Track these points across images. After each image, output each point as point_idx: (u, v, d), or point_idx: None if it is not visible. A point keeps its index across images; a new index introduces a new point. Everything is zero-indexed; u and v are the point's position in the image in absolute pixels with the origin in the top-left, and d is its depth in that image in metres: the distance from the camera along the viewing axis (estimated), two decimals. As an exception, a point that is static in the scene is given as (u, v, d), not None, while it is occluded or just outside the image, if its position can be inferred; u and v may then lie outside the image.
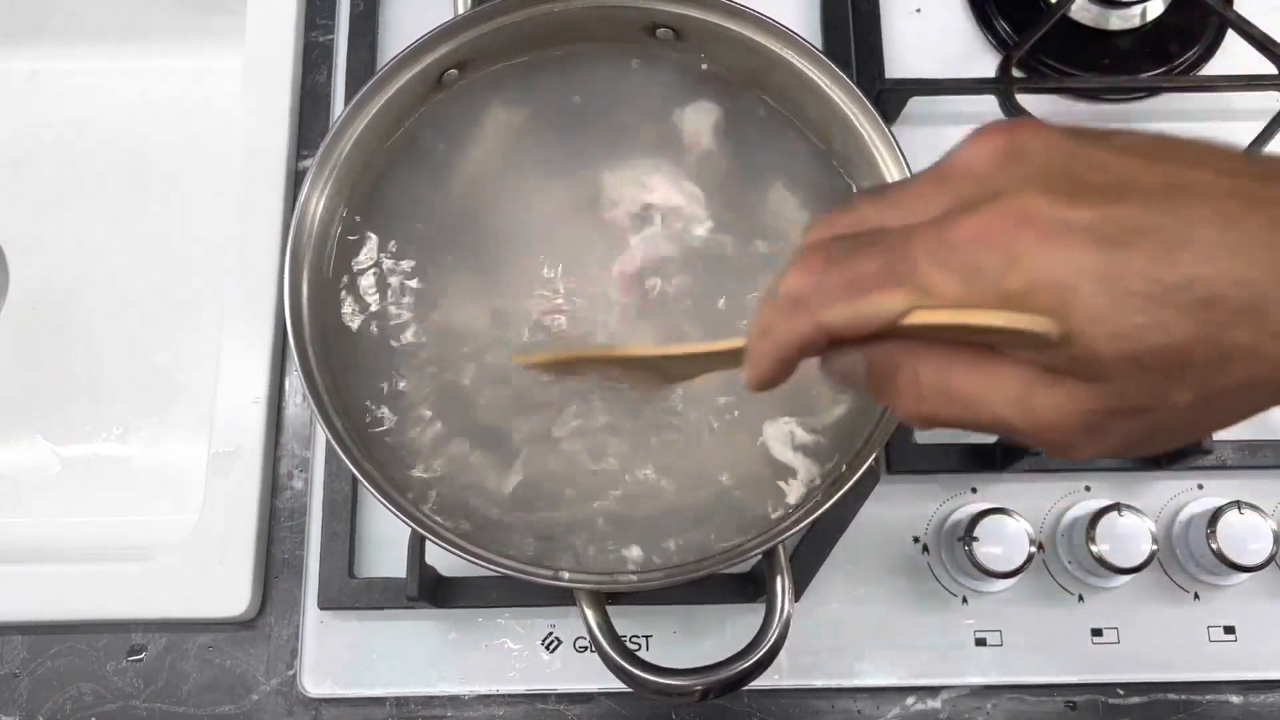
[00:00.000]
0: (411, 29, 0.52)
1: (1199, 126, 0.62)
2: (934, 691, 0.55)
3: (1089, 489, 0.57)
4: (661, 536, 0.47)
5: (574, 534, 0.47)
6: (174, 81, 0.70)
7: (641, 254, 0.50)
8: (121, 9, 0.69)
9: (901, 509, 0.57)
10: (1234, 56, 0.64)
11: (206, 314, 0.64)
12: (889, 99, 0.61)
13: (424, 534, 0.44)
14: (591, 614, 0.43)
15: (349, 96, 0.54)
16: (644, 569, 0.46)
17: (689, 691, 0.42)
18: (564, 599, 0.51)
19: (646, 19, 0.52)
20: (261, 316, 0.59)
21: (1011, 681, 0.55)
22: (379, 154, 0.51)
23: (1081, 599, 0.55)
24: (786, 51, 0.50)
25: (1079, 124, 0.28)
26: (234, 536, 0.56)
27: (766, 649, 0.42)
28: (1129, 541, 0.52)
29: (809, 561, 0.54)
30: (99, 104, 0.70)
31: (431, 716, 0.55)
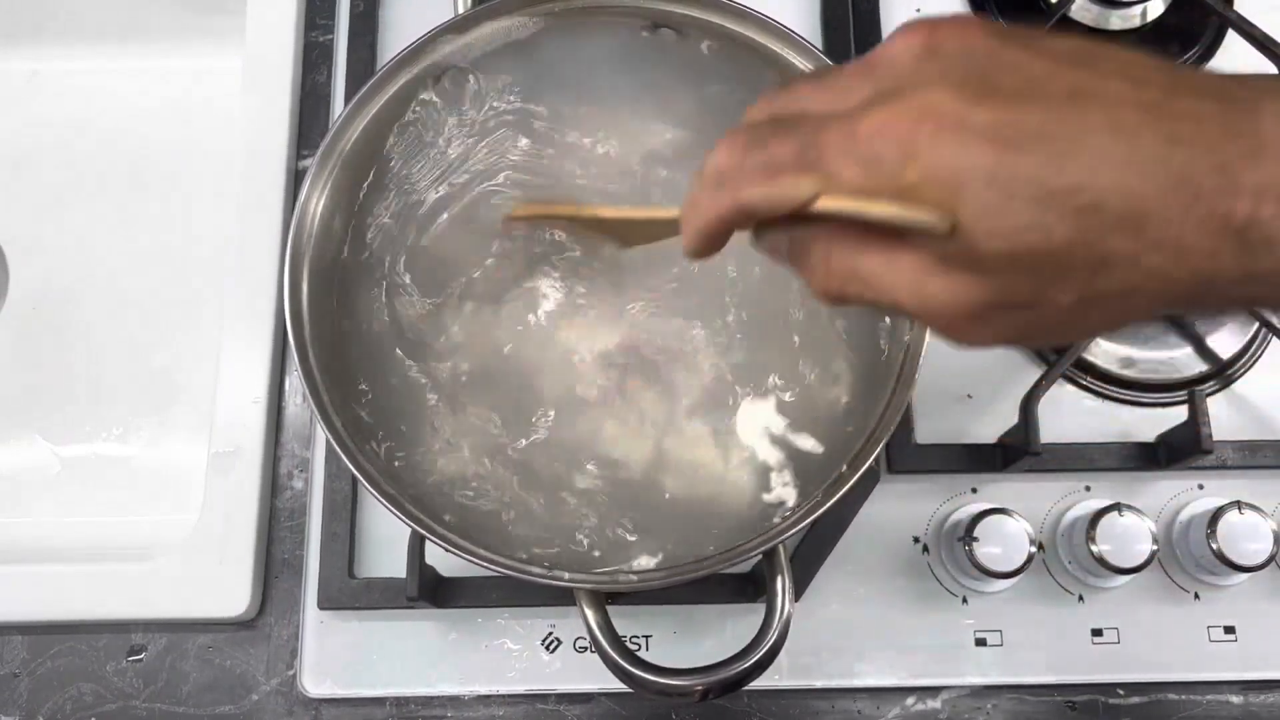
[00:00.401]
0: (411, 29, 0.52)
1: (1199, 126, 0.62)
2: (934, 691, 0.55)
3: (1089, 489, 0.57)
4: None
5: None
6: (174, 81, 0.70)
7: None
8: (121, 9, 0.69)
9: (901, 509, 0.57)
10: (1234, 56, 0.64)
11: (206, 314, 0.64)
12: (889, 99, 0.61)
13: (424, 534, 0.44)
14: (591, 614, 0.43)
15: (349, 96, 0.54)
16: (644, 569, 0.46)
17: (689, 691, 0.42)
18: (564, 599, 0.51)
19: (647, 18, 0.52)
20: (261, 316, 0.59)
21: (1011, 681, 0.55)
22: (379, 154, 0.51)
23: (1081, 599, 0.55)
24: (786, 51, 0.50)
25: (1011, 27, 0.29)
26: (234, 536, 0.56)
27: (766, 649, 0.42)
28: (1129, 541, 0.52)
29: (809, 561, 0.54)
30: (99, 104, 0.70)
31: (431, 716, 0.55)
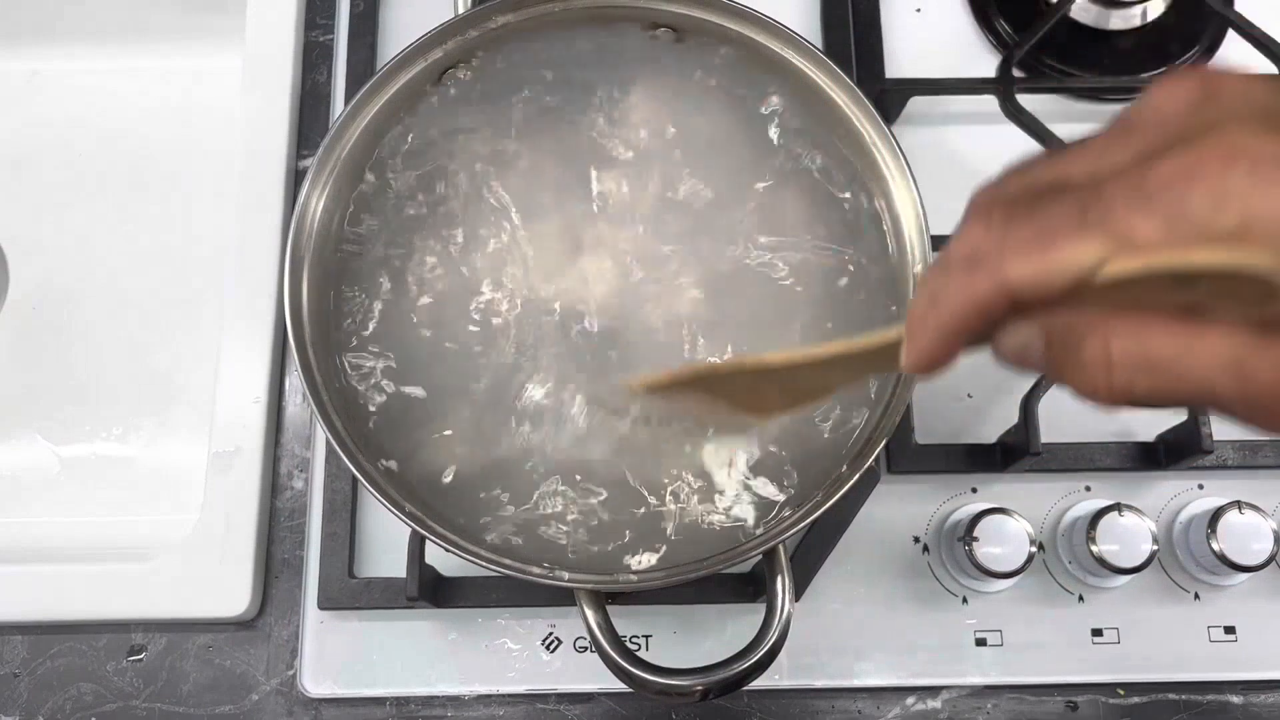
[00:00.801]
0: (411, 29, 0.52)
1: (1199, 126, 0.61)
2: (934, 691, 0.55)
3: (1089, 489, 0.57)
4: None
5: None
6: (174, 81, 0.70)
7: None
8: (121, 9, 0.69)
9: (901, 509, 0.57)
10: (1234, 56, 0.64)
11: (206, 314, 0.64)
12: (889, 99, 0.62)
13: (424, 534, 0.44)
14: (591, 614, 0.43)
15: (349, 96, 0.54)
16: (644, 569, 0.46)
17: (689, 691, 0.42)
18: (564, 599, 0.51)
19: (646, 18, 0.52)
20: (261, 316, 0.59)
21: (1011, 681, 0.55)
22: (379, 153, 0.51)
23: (1081, 599, 0.55)
24: (787, 51, 0.50)
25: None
26: (234, 536, 0.56)
27: (766, 649, 0.42)
28: (1129, 541, 0.52)
29: (809, 561, 0.54)
30: (99, 104, 0.70)
31: (431, 716, 0.55)
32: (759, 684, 0.44)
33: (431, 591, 0.53)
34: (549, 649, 0.55)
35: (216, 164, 0.67)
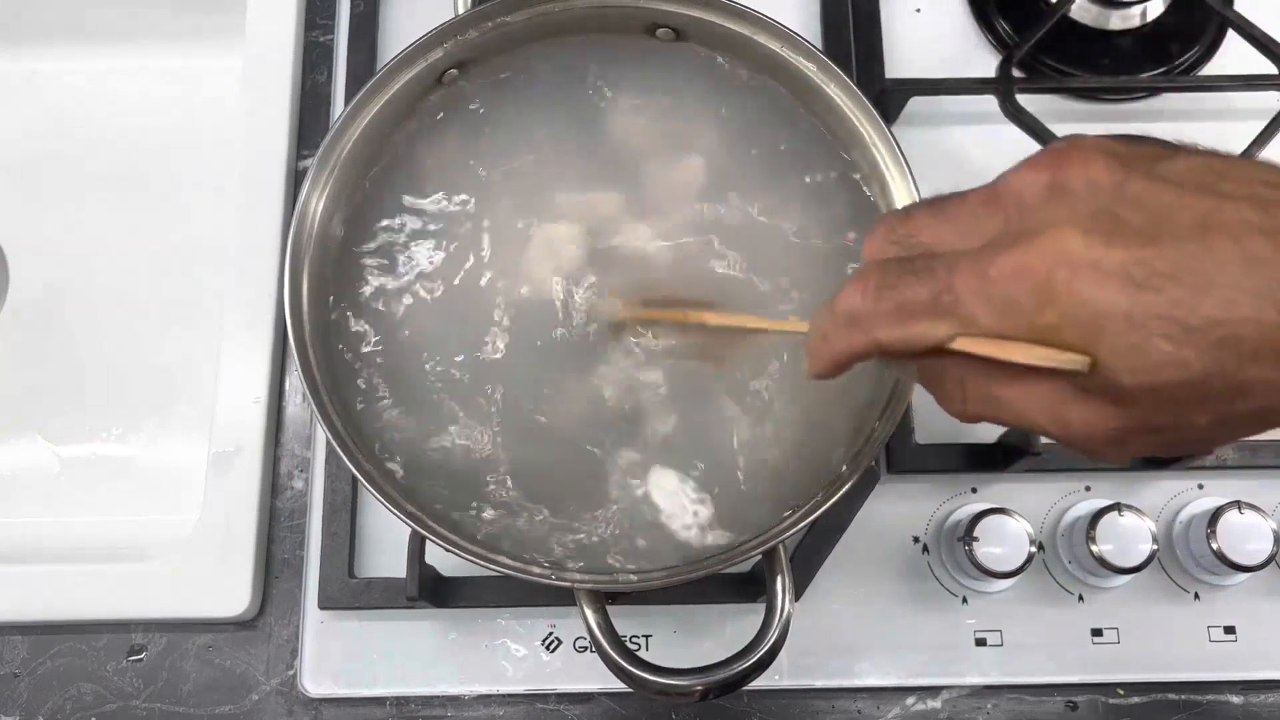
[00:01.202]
0: (411, 29, 0.53)
1: (1199, 126, 0.62)
2: (934, 691, 0.55)
3: (1089, 489, 0.57)
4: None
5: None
6: (174, 81, 0.70)
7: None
8: (121, 9, 0.69)
9: (901, 509, 0.57)
10: (1234, 56, 0.64)
11: (206, 314, 0.64)
12: (889, 99, 0.62)
13: (424, 534, 0.44)
14: (591, 614, 0.43)
15: (349, 96, 0.54)
16: (644, 569, 0.46)
17: (689, 691, 0.42)
18: (564, 599, 0.51)
19: (647, 19, 0.52)
20: (261, 316, 0.59)
21: (1011, 681, 0.55)
22: (379, 153, 0.51)
23: (1081, 599, 0.55)
24: (786, 51, 0.50)
25: (1130, 143, 0.30)
26: (234, 536, 0.56)
27: (766, 649, 0.42)
28: (1129, 541, 0.52)
29: (809, 561, 0.54)
30: (99, 104, 0.70)
31: (431, 716, 0.55)
32: (759, 684, 0.44)
33: (431, 591, 0.53)
34: (549, 649, 0.55)
35: (216, 164, 0.67)
